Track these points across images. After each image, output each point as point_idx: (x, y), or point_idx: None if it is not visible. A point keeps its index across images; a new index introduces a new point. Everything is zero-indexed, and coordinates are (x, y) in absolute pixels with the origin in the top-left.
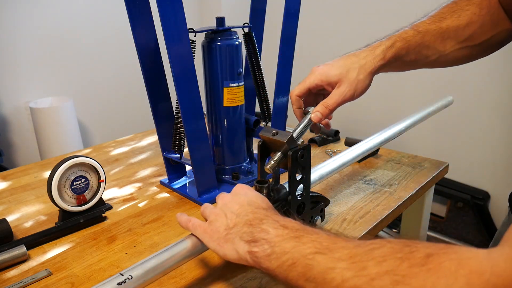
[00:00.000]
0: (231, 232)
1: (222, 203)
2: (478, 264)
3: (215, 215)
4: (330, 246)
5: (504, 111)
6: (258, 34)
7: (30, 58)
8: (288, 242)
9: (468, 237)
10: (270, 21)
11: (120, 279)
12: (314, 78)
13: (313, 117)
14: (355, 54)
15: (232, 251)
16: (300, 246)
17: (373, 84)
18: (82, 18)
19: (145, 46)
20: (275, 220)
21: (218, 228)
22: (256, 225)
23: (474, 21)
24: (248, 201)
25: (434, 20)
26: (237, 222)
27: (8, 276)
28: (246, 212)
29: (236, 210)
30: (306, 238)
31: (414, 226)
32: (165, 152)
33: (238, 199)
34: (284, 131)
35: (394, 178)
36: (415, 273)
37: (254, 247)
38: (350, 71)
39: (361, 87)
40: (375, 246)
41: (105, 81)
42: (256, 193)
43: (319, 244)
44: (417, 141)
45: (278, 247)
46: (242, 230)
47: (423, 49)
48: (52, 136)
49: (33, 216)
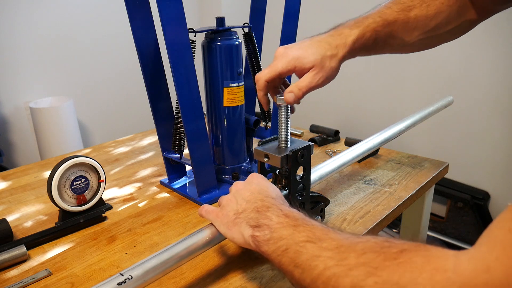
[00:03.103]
0: (240, 217)
1: (235, 189)
2: (444, 262)
3: (227, 200)
4: (321, 236)
5: (504, 111)
6: (258, 34)
7: (30, 58)
8: (286, 229)
9: (468, 237)
10: (270, 21)
11: (120, 279)
12: (287, 64)
13: (288, 97)
14: (327, 41)
15: (238, 234)
16: (295, 234)
17: (373, 84)
18: (82, 18)
19: (145, 46)
20: (280, 209)
21: (228, 213)
22: (262, 211)
23: (441, 11)
24: (259, 189)
25: (403, 8)
26: (246, 208)
27: (8, 276)
28: (255, 199)
29: (246, 197)
30: (302, 227)
31: (414, 226)
32: (165, 152)
33: (250, 187)
34: (276, 141)
35: (394, 178)
36: (386, 266)
37: (256, 232)
38: (324, 59)
39: (332, 75)
40: (361, 240)
41: (105, 81)
42: (269, 183)
43: (312, 233)
44: (417, 141)
45: (276, 233)
46: (250, 215)
47: (390, 39)
48: (52, 136)
49: (33, 216)
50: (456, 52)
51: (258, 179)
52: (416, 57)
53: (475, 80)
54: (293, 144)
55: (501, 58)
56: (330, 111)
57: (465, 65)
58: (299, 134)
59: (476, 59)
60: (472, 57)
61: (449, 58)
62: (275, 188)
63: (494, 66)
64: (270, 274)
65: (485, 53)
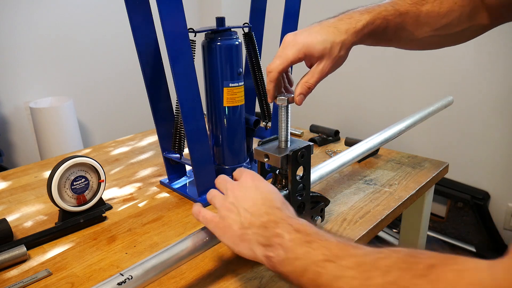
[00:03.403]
0: (247, 233)
1: (233, 196)
2: (478, 275)
3: (227, 209)
4: (339, 254)
5: (504, 111)
6: (258, 34)
7: (30, 58)
8: (301, 247)
9: (468, 237)
10: (270, 21)
11: (120, 279)
12: (298, 52)
13: (298, 100)
14: (336, 26)
15: (248, 250)
16: (311, 252)
17: (373, 84)
18: (82, 18)
19: (145, 46)
20: (289, 224)
21: (232, 225)
22: (271, 228)
23: (454, 10)
24: (262, 198)
25: (416, 1)
26: (252, 222)
27: (8, 276)
28: (260, 212)
29: (249, 207)
30: (316, 243)
31: (414, 226)
32: (165, 152)
33: (250, 194)
34: (276, 141)
35: (394, 178)
36: (416, 284)
37: (270, 252)
38: (333, 47)
39: (340, 63)
40: (382, 256)
41: (105, 81)
42: (268, 187)
43: (329, 251)
44: (417, 141)
45: (291, 253)
46: (258, 232)
47: (399, 30)
48: (52, 136)
49: (33, 216)
50: (456, 52)
51: (255, 182)
52: (417, 57)
53: (475, 80)
54: (293, 144)
55: (501, 58)
56: (330, 111)
57: (465, 65)
58: (299, 134)
59: (476, 59)
60: (472, 57)
61: (449, 58)
62: (276, 193)
63: (494, 66)
64: (270, 274)
65: (485, 53)
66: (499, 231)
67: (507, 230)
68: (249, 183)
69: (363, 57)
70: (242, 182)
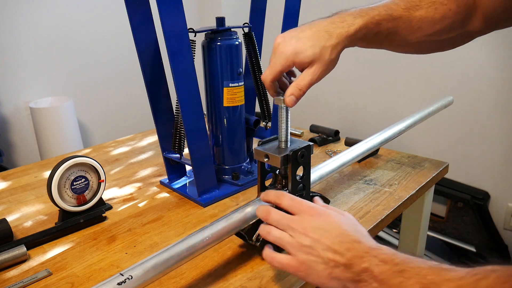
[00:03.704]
0: (335, 272)
1: (305, 237)
2: None
3: (305, 253)
4: (435, 280)
5: (504, 111)
6: (258, 34)
7: (30, 58)
8: (394, 278)
9: (468, 237)
10: (270, 21)
11: (120, 279)
12: (286, 60)
13: (288, 101)
14: (327, 30)
15: (340, 286)
16: (405, 282)
17: (373, 84)
18: (82, 18)
19: (145, 46)
20: (374, 256)
21: (315, 267)
22: (357, 264)
23: (448, 17)
24: (337, 235)
25: (409, 6)
26: (337, 261)
27: (8, 276)
28: (341, 250)
29: (328, 248)
30: (409, 272)
31: (414, 226)
32: (165, 152)
33: (323, 232)
34: (276, 141)
35: (394, 178)
36: None
37: (362, 286)
38: (324, 51)
39: (332, 67)
40: (480, 277)
41: (105, 81)
42: (335, 217)
43: (423, 278)
44: (417, 141)
45: (385, 285)
46: (345, 270)
47: (391, 35)
48: (52, 136)
49: (33, 216)
50: (456, 52)
51: (319, 216)
52: (417, 57)
53: (475, 80)
54: (293, 144)
55: (501, 58)
56: (330, 111)
57: (465, 65)
58: (299, 134)
59: (476, 59)
60: (472, 57)
61: (449, 58)
62: (344, 220)
63: (494, 66)
64: (270, 274)
65: (485, 53)
66: (499, 231)
67: (507, 230)
68: (315, 219)
69: (363, 57)
70: (305, 219)
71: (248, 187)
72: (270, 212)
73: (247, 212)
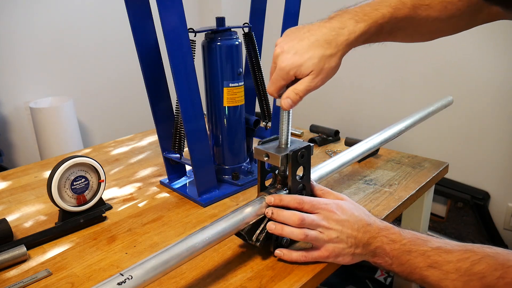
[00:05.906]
0: (357, 251)
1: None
2: None
3: (334, 242)
4: (437, 260)
5: (504, 111)
6: (258, 34)
7: (30, 58)
8: (403, 256)
9: (468, 237)
10: (270, 21)
11: (120, 279)
12: (287, 75)
13: (284, 103)
14: (326, 39)
15: (361, 260)
16: (413, 260)
17: (373, 84)
18: (82, 18)
19: (145, 46)
20: (384, 236)
21: (343, 252)
22: (372, 244)
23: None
24: (355, 221)
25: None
26: (357, 244)
27: (8, 276)
28: (360, 234)
29: (351, 234)
30: (415, 252)
31: (414, 226)
32: (165, 152)
33: (345, 222)
34: (276, 141)
35: (394, 178)
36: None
37: (378, 260)
38: (323, 61)
39: (332, 74)
40: (474, 261)
41: (105, 81)
42: (348, 205)
43: (428, 258)
44: (417, 141)
45: (396, 260)
46: (364, 248)
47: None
48: (52, 136)
49: (33, 216)
50: (456, 52)
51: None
52: (417, 57)
53: (475, 80)
54: (293, 144)
55: (501, 58)
56: (330, 111)
57: (465, 65)
58: (299, 134)
59: (476, 59)
60: (472, 57)
61: (449, 58)
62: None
63: (494, 66)
64: (270, 274)
65: (485, 53)
66: (499, 231)
67: (507, 230)
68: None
69: (363, 58)
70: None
71: (248, 187)
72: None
73: (247, 212)
